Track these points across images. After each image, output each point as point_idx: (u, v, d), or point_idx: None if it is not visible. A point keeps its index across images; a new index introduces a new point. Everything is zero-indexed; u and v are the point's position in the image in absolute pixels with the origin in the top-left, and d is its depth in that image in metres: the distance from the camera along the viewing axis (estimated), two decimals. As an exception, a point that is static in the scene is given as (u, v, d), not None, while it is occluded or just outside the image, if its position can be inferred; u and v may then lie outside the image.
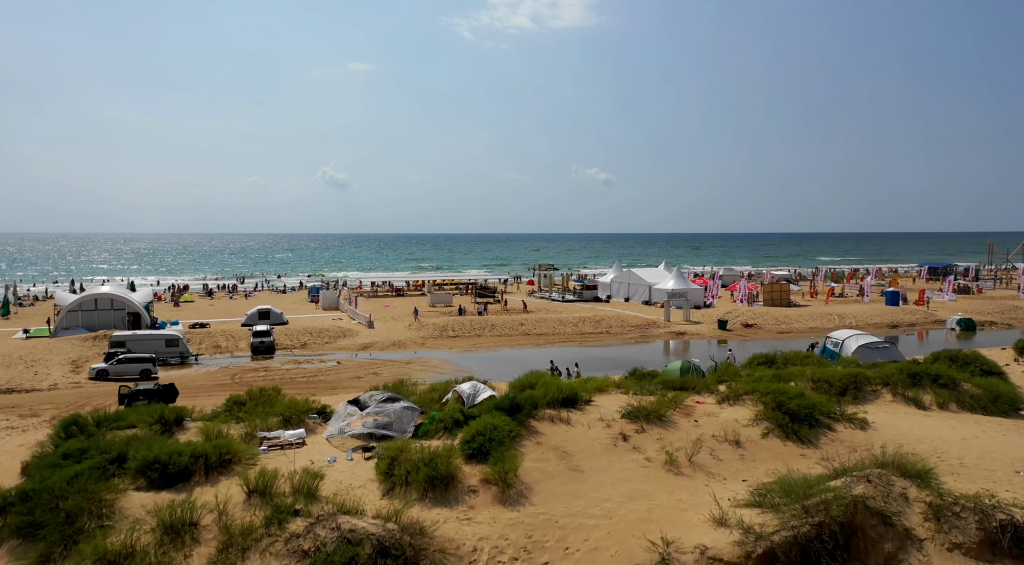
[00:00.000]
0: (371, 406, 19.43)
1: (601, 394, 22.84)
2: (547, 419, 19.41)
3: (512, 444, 17.51)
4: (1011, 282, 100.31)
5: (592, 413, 20.16)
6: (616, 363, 45.90)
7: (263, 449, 17.64)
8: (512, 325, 59.02)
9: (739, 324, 61.17)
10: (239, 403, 22.95)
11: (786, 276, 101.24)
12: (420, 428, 19.20)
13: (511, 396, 19.43)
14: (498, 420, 17.66)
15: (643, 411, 19.80)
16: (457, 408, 19.50)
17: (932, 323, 63.45)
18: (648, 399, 21.42)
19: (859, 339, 35.54)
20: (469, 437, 16.96)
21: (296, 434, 18.51)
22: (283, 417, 20.12)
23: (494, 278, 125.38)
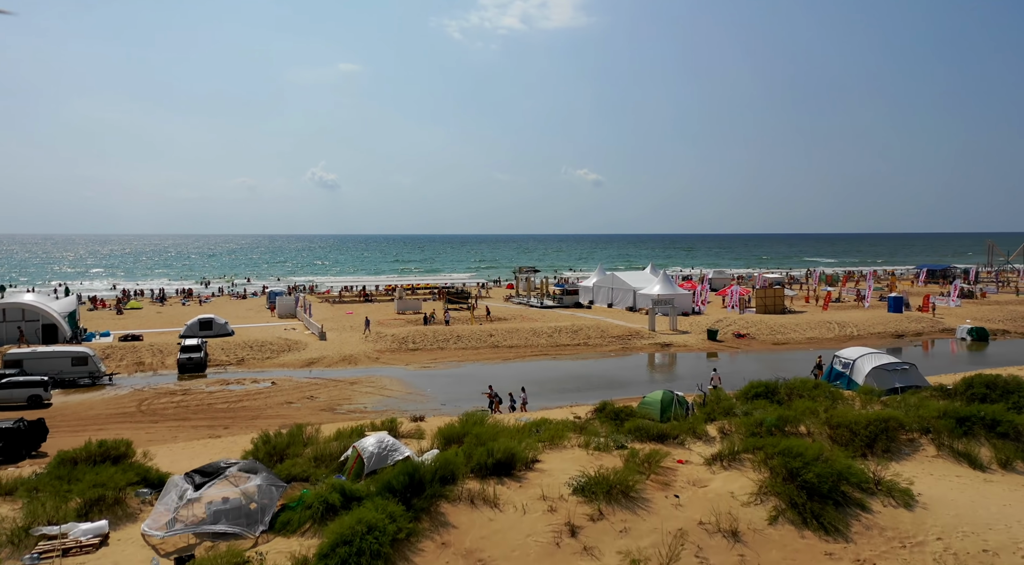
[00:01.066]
0: (215, 481, 13.67)
1: (553, 449, 17.21)
2: (466, 499, 13.76)
3: (402, 552, 11.83)
4: (1008, 284, 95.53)
5: (533, 486, 14.53)
6: (591, 382, 40.27)
7: (29, 559, 11.89)
8: (480, 336, 53.29)
9: (730, 334, 55.71)
10: (71, 461, 17.13)
11: (779, 279, 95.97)
12: (281, 514, 13.48)
13: (412, 468, 13.67)
14: (382, 514, 11.97)
15: (603, 483, 14.19)
16: (335, 488, 13.73)
17: (940, 332, 58.23)
18: (613, 460, 15.83)
19: (873, 359, 30.11)
20: (328, 549, 11.24)
21: (92, 529, 12.79)
22: (88, 500, 14.19)
23: (476, 281, 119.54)
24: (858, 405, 22.90)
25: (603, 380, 41.38)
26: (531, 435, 19.20)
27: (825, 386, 25.17)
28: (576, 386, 39.83)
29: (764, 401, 23.46)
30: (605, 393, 37.72)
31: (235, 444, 21.75)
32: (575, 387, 39.58)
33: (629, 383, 40.46)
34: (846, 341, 54.47)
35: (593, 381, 41.21)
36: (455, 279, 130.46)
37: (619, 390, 38.58)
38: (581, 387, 39.64)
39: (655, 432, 18.40)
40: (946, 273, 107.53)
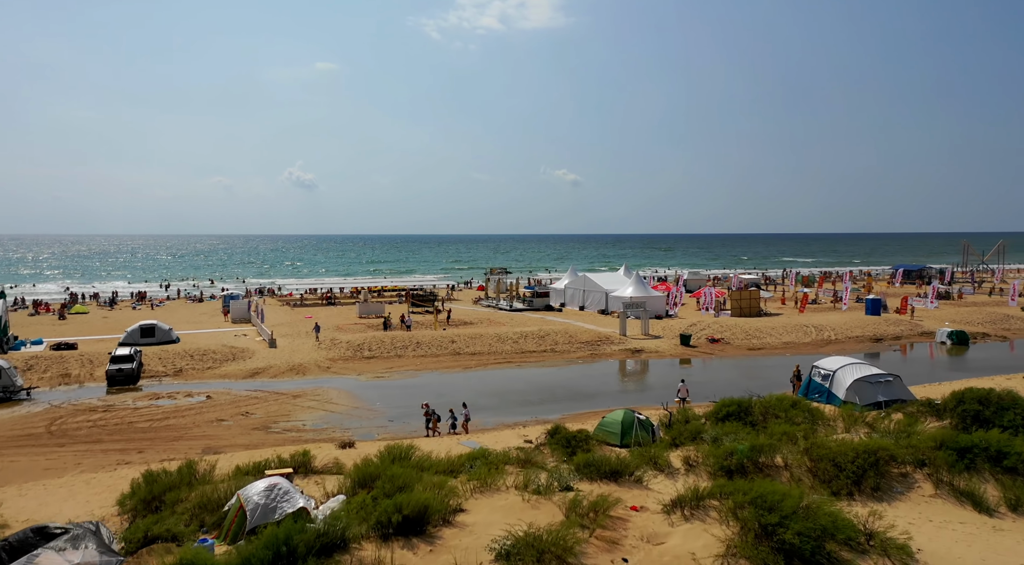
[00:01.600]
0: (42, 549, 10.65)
1: (484, 493, 14.37)
2: (358, 572, 10.86)
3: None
4: (981, 285, 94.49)
5: (447, 549, 11.69)
6: (555, 394, 37.49)
7: None
8: (441, 342, 50.35)
9: (704, 339, 53.29)
10: None
11: (755, 280, 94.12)
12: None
13: (285, 535, 10.70)
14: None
15: (534, 546, 11.37)
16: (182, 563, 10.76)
17: (919, 335, 56.30)
18: (552, 510, 13.06)
19: (854, 370, 27.67)
20: None
21: None
22: None
23: (447, 283, 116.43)
24: (841, 428, 20.36)
25: (567, 391, 38.66)
26: (464, 470, 16.39)
27: (804, 404, 22.61)
28: (539, 398, 37.05)
29: (736, 423, 20.83)
30: (568, 406, 35.06)
31: (123, 480, 18.66)
32: (537, 399, 36.80)
33: (595, 394, 37.79)
34: (823, 345, 52.31)
35: (557, 392, 38.46)
36: (428, 280, 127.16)
37: (583, 402, 35.94)
38: (544, 399, 36.87)
39: (608, 468, 15.63)
40: (922, 273, 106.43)
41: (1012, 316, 62.15)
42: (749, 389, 39.06)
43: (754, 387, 39.27)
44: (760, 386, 39.27)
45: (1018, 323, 60.26)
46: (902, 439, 16.86)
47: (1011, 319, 61.21)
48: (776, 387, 38.57)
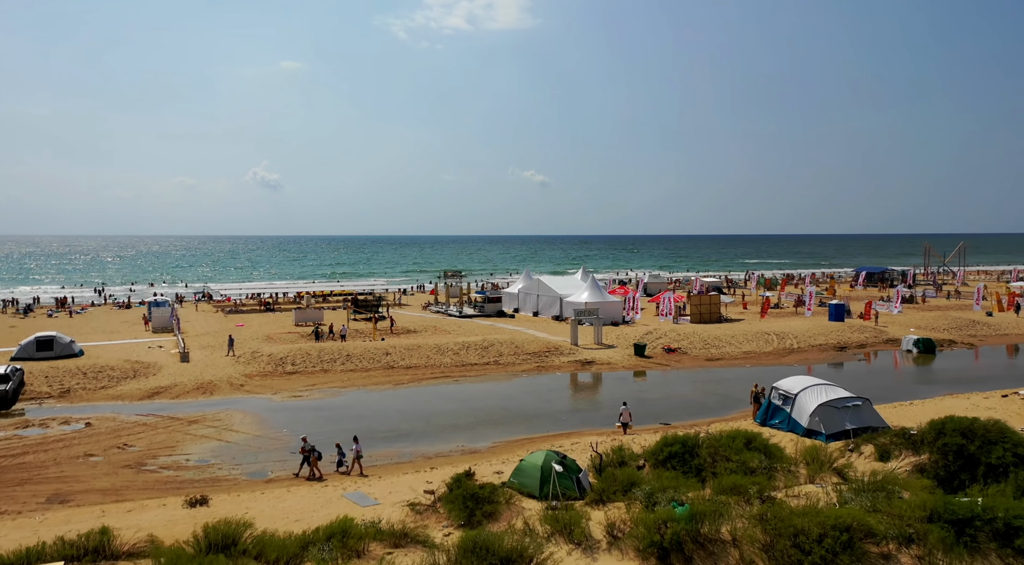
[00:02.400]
0: None
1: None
2: None
3: None
4: (942, 289, 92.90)
5: None
6: (491, 415, 33.40)
7: None
8: (375, 355, 46.02)
9: (660, 349, 49.78)
10: None
11: (716, 284, 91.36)
12: None
13: None
14: None
15: None
16: None
17: (884, 343, 53.51)
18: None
19: (818, 393, 24.17)
20: None
21: None
22: None
23: (399, 286, 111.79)
24: (804, 476, 16.70)
25: (505, 412, 34.68)
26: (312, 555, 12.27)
27: (760, 441, 18.94)
28: (471, 420, 32.99)
29: (678, 471, 17.02)
30: (502, 431, 31.11)
31: None
32: (469, 422, 32.75)
33: (535, 416, 33.88)
34: (785, 355, 49.20)
35: (493, 413, 34.43)
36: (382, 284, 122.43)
37: (520, 426, 32.01)
38: (477, 421, 32.83)
39: (498, 556, 11.65)
40: (883, 276, 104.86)
41: (978, 321, 59.85)
42: (705, 406, 35.70)
43: (711, 404, 35.87)
44: (717, 403, 35.89)
45: (984, 329, 57.95)
46: (881, 501, 13.16)
47: (977, 325, 58.88)
48: (734, 404, 35.19)
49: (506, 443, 29.19)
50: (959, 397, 31.53)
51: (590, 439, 28.50)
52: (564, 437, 29.75)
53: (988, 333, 57.00)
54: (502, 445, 28.91)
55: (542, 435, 30.40)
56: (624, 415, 30.46)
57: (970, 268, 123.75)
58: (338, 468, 25.17)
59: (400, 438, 30.10)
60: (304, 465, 24.93)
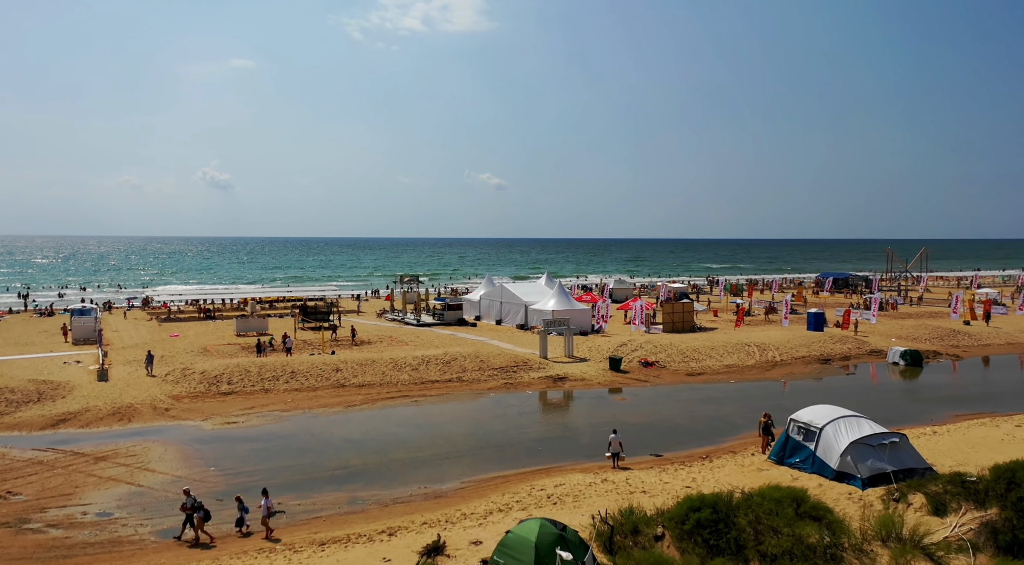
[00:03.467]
0: None
1: None
2: None
3: None
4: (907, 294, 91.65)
5: None
6: (455, 445, 28.85)
7: None
8: (323, 371, 41.18)
9: (636, 362, 46.05)
10: None
11: (683, 290, 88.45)
12: None
13: None
14: None
15: None
16: None
17: (868, 354, 50.76)
18: None
19: (848, 427, 20.46)
20: None
21: None
22: None
23: (353, 292, 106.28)
24: (884, 560, 12.75)
25: (472, 440, 30.32)
26: None
27: (811, 504, 14.98)
28: (435, 452, 28.56)
29: (711, 546, 12.94)
30: (471, 466, 26.75)
31: None
32: (432, 454, 28.31)
33: (508, 444, 29.62)
34: (769, 369, 45.96)
35: (458, 442, 30.04)
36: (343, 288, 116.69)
37: (492, 459, 27.74)
38: (441, 453, 28.41)
39: None
40: (848, 282, 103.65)
41: (958, 331, 57.74)
42: (697, 432, 31.88)
43: (702, 429, 32.05)
44: (709, 428, 32.13)
45: (965, 339, 55.79)
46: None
47: (958, 335, 56.72)
48: (728, 430, 31.50)
49: (477, 483, 24.84)
50: (986, 424, 28.33)
51: (576, 477, 24.43)
52: (544, 474, 25.56)
53: (970, 344, 54.82)
54: (473, 486, 24.56)
55: (518, 471, 26.15)
56: (614, 444, 26.54)
57: (932, 274, 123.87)
58: (237, 527, 20.34)
59: (350, 477, 25.52)
60: (187, 526, 20.02)
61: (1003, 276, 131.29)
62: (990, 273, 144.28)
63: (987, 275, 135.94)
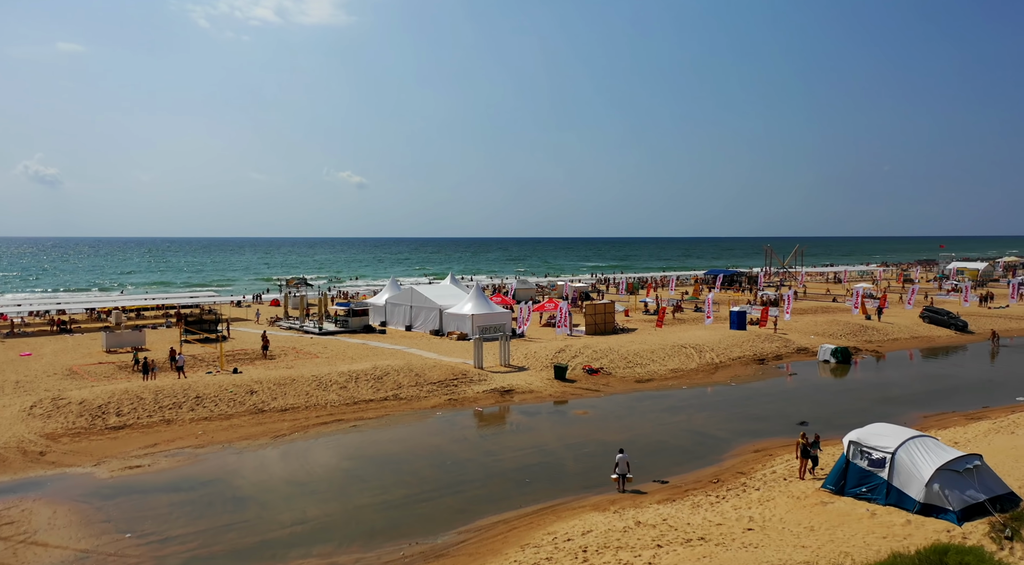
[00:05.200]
0: None
1: None
2: None
3: None
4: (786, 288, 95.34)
5: None
6: (405, 484, 24.10)
7: None
8: (235, 394, 34.89)
9: (580, 370, 43.03)
10: None
11: (586, 289, 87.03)
12: None
13: None
14: None
15: None
16: None
17: (797, 353, 50.67)
18: None
19: (926, 451, 18.04)
20: None
21: None
22: None
23: (231, 298, 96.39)
24: None
25: (443, 474, 25.84)
26: None
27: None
28: (404, 493, 23.85)
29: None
30: (459, 509, 22.30)
31: None
32: (402, 496, 23.61)
33: (488, 477, 25.40)
34: (714, 372, 44.45)
35: (427, 478, 25.43)
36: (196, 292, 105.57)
37: (479, 498, 23.41)
38: (413, 495, 23.75)
39: None
40: (733, 278, 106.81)
41: (866, 326, 59.42)
42: (684, 448, 28.98)
43: (688, 445, 29.13)
44: (694, 443, 29.39)
45: (875, 334, 57.39)
46: None
47: (867, 330, 58.31)
48: (716, 445, 28.94)
49: (479, 534, 20.52)
50: (1000, 430, 27.34)
51: (595, 518, 20.74)
52: (553, 515, 21.67)
53: (882, 338, 56.42)
54: (476, 538, 20.21)
55: (519, 513, 22.07)
56: (621, 465, 23.78)
57: (810, 269, 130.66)
58: None
59: (316, 536, 20.41)
60: None
61: (861, 271, 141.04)
62: (845, 268, 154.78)
63: (842, 270, 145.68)
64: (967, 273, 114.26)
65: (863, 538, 16.68)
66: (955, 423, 31.57)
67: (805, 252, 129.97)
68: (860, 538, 16.70)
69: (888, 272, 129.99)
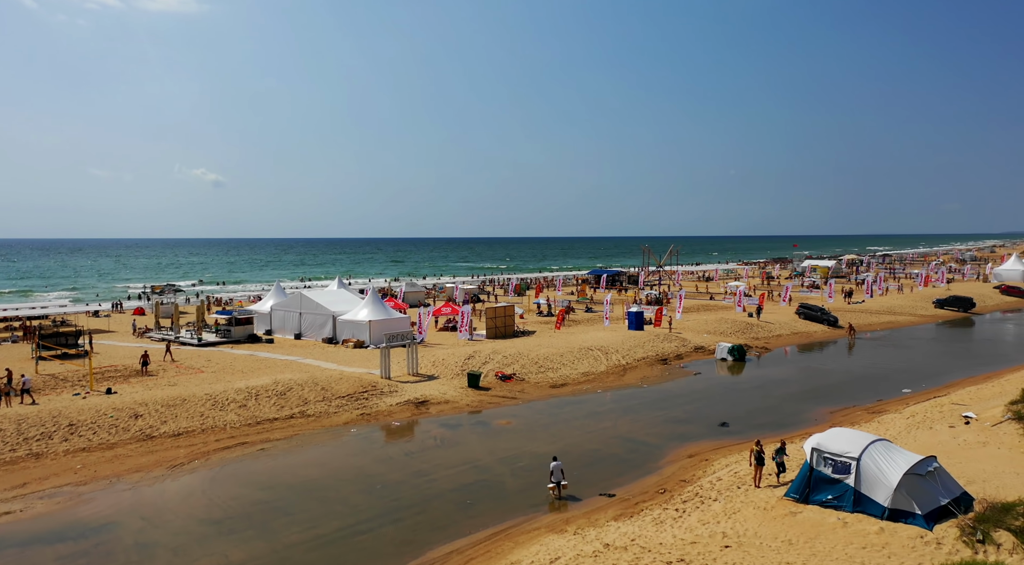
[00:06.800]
0: None
1: None
2: None
3: None
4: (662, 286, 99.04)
5: None
6: (353, 518, 21.84)
7: None
8: (118, 419, 30.75)
9: (493, 376, 41.76)
10: None
11: (475, 291, 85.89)
12: None
13: None
14: None
15: None
16: None
17: (695, 352, 51.96)
18: None
19: (888, 457, 18.13)
20: None
21: None
22: None
23: (90, 308, 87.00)
24: None
25: (376, 500, 23.69)
26: None
27: None
28: (338, 527, 21.55)
29: None
30: (402, 542, 20.54)
31: None
32: (337, 530, 21.32)
33: (422, 501, 23.52)
34: (623, 374, 44.57)
35: (359, 505, 23.20)
36: (46, 300, 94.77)
37: (423, 529, 21.63)
38: (349, 528, 21.52)
39: None
40: (616, 278, 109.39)
41: (751, 324, 62.10)
42: (619, 456, 28.22)
43: (623, 453, 28.37)
44: (629, 450, 28.81)
45: (760, 331, 60.07)
46: None
47: (752, 327, 60.95)
48: (648, 451, 28.64)
49: (436, 569, 18.73)
50: (919, 427, 28.53)
51: (558, 542, 19.55)
52: (509, 541, 20.23)
53: (767, 335, 59.11)
54: (435, 575, 18.41)
55: (471, 540, 20.44)
56: (556, 472, 23.70)
57: (686, 268, 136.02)
58: None
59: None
60: None
61: (724, 270, 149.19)
62: (716, 267, 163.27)
63: (713, 268, 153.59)
64: (819, 270, 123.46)
65: (843, 550, 16.49)
66: (861, 418, 33.04)
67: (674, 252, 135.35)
68: (840, 550, 16.50)
69: (751, 270, 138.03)
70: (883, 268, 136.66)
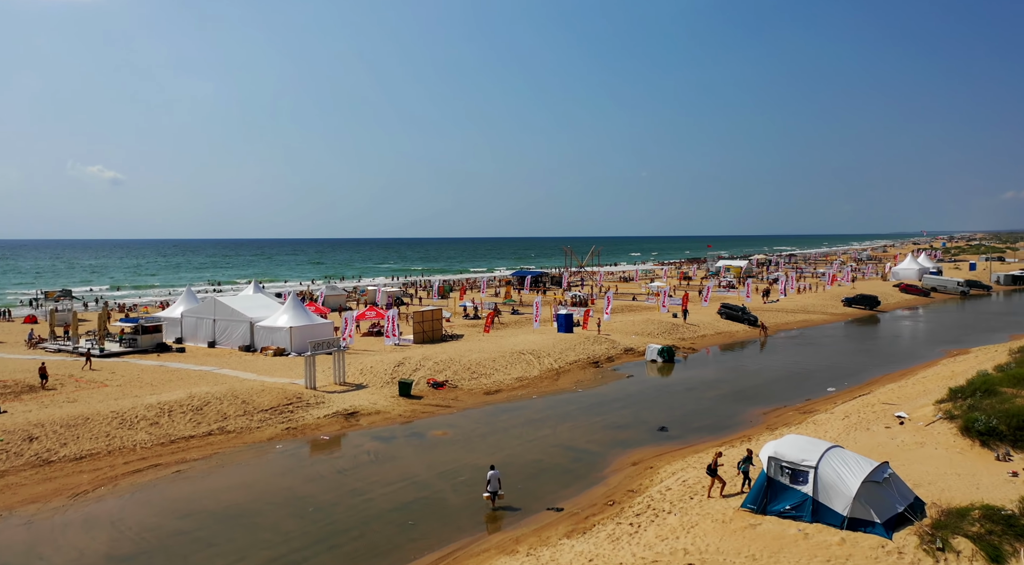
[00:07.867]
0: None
1: None
2: None
3: None
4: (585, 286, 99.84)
5: None
6: (285, 546, 20.06)
7: None
8: (8, 443, 27.61)
9: (425, 384, 40.25)
10: None
11: (399, 294, 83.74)
12: None
13: None
14: None
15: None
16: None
17: (625, 353, 51.90)
18: None
19: (845, 464, 17.84)
20: None
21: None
22: None
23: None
24: None
25: (309, 525, 21.94)
26: None
27: None
28: (269, 558, 19.74)
29: None
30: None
31: None
32: (267, 561, 19.50)
33: (359, 524, 21.95)
34: (556, 378, 43.93)
35: (290, 532, 21.38)
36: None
37: (362, 558, 20.04)
38: (280, 558, 19.74)
39: None
40: (539, 279, 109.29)
41: (677, 325, 62.78)
42: (563, 467, 27.31)
43: (567, 463, 27.68)
44: (571, 459, 28.18)
45: (686, 331, 60.78)
46: None
47: (678, 328, 61.62)
48: (590, 459, 28.05)
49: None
50: (856, 428, 28.76)
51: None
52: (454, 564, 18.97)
53: (692, 335, 59.86)
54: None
55: (419, 568, 19.07)
56: (493, 482, 23.04)
57: (608, 268, 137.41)
58: None
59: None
60: None
61: (643, 270, 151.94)
62: (636, 267, 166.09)
63: (633, 269, 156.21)
64: (733, 270, 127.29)
65: (808, 563, 16.06)
66: (794, 419, 33.42)
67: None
68: (805, 564, 16.07)
69: (668, 270, 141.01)
70: (791, 267, 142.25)
